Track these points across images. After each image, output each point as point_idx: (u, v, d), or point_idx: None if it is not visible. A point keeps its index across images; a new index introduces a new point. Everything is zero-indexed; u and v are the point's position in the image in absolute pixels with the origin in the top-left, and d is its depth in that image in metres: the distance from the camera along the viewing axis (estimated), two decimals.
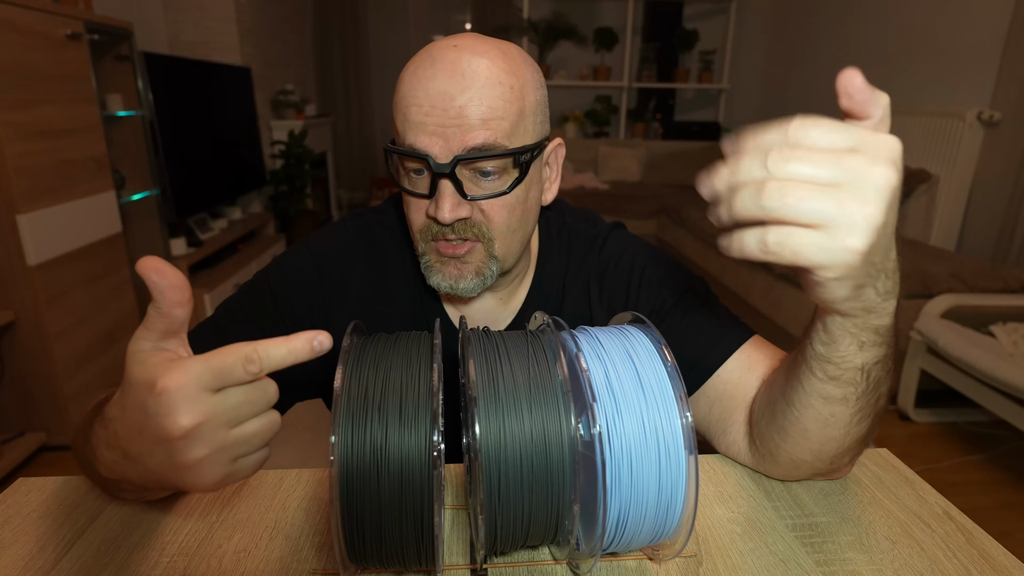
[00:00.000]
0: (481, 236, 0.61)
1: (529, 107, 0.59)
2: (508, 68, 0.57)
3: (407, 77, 0.58)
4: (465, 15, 5.41)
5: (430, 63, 0.57)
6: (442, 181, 0.57)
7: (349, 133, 5.37)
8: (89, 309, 1.94)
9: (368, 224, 0.73)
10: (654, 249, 0.74)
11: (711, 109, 5.24)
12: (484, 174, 0.59)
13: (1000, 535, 0.53)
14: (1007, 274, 2.19)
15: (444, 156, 0.56)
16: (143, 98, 2.36)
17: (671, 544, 0.46)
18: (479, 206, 0.59)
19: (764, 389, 0.59)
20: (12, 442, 1.77)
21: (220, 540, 0.52)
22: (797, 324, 2.32)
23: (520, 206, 0.62)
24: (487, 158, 0.57)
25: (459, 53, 0.56)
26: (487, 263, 0.62)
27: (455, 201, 0.57)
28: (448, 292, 0.63)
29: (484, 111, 0.56)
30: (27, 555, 0.49)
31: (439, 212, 0.57)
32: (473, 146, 0.56)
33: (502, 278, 0.67)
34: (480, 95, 0.55)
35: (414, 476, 0.39)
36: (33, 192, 1.68)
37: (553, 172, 0.68)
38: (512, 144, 0.58)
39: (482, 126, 0.56)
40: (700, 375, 0.67)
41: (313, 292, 0.68)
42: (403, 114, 0.57)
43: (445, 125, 0.56)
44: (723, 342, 0.66)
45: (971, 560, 0.50)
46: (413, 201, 0.61)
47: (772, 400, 0.56)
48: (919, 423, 2.15)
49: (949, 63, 2.82)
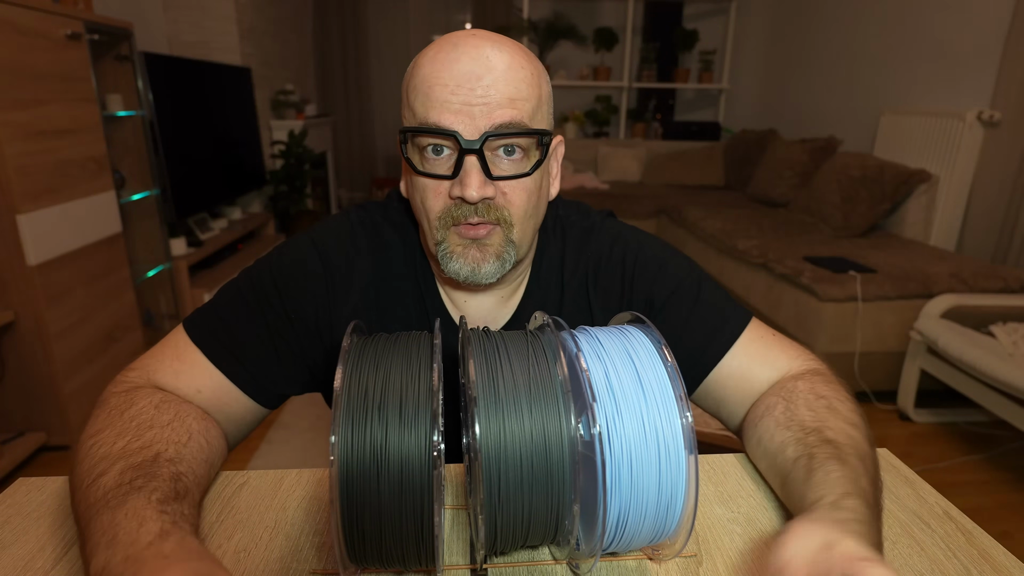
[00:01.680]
0: (502, 220, 0.60)
1: (545, 96, 0.62)
2: (527, 57, 0.60)
3: (427, 61, 0.58)
4: (465, 15, 5.41)
5: (451, 47, 0.58)
6: (468, 158, 0.57)
7: (349, 133, 5.37)
8: (89, 309, 1.94)
9: (372, 217, 0.73)
10: (645, 236, 0.74)
11: (711, 109, 5.24)
12: (508, 152, 0.59)
13: (1000, 535, 0.53)
14: (1007, 274, 2.19)
15: (471, 133, 0.57)
16: (143, 98, 2.36)
17: (671, 544, 0.46)
18: (501, 188, 0.60)
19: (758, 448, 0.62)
20: (12, 442, 1.77)
21: (220, 540, 0.51)
22: (797, 324, 2.32)
23: (536, 192, 0.62)
24: (515, 135, 0.58)
25: (480, 40, 0.58)
26: (506, 247, 0.62)
27: (482, 179, 0.57)
28: (467, 279, 0.62)
29: (510, 90, 0.57)
30: (27, 555, 0.49)
31: (466, 190, 0.57)
32: (501, 123, 0.57)
33: (511, 271, 0.67)
34: (505, 77, 0.57)
35: (414, 476, 0.39)
36: (33, 192, 1.68)
37: (555, 168, 0.69)
38: (534, 126, 0.59)
39: (509, 104, 0.57)
40: (700, 371, 0.68)
41: (316, 284, 0.68)
42: (424, 95, 0.57)
43: (471, 104, 0.56)
44: (720, 334, 0.67)
45: (971, 560, 0.50)
46: (432, 185, 0.60)
47: (766, 468, 0.60)
48: (919, 423, 2.15)
49: (949, 63, 2.82)
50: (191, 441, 0.54)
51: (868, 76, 3.36)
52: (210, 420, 0.60)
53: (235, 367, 0.64)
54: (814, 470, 0.50)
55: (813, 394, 0.59)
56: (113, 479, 0.46)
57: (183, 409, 0.57)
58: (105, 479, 0.46)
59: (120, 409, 0.55)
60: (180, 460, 0.51)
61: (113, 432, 0.52)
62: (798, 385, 0.61)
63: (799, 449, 0.54)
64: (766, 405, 0.62)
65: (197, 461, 0.53)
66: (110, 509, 0.43)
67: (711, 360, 0.67)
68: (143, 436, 0.51)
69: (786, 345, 0.68)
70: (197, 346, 0.63)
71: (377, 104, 5.52)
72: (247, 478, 0.61)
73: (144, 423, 0.53)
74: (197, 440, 0.55)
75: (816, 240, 2.73)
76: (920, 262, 2.32)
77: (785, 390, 0.61)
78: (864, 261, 2.34)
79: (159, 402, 0.56)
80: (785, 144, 3.67)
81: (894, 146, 3.03)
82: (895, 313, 2.16)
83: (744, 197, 3.92)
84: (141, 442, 0.50)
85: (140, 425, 0.53)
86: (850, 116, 3.50)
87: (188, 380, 0.62)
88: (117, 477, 0.46)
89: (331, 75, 5.17)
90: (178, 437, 0.53)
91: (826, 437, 0.53)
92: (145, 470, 0.47)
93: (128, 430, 0.52)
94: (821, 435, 0.53)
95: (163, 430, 0.53)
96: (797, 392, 0.60)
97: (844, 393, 0.60)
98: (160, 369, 0.62)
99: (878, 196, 2.73)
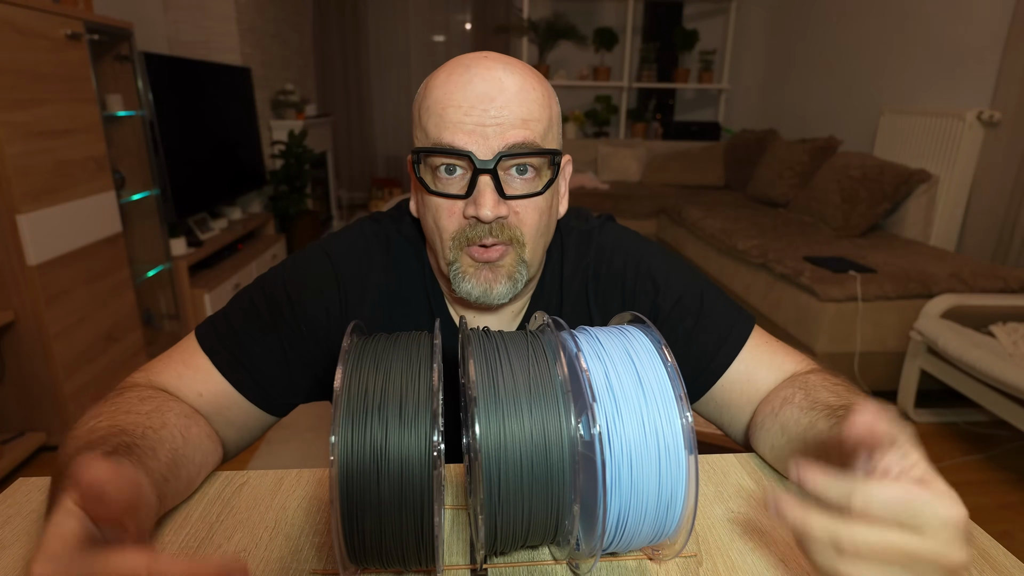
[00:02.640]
0: (514, 239, 0.61)
1: (555, 117, 0.63)
2: (537, 79, 0.61)
3: (439, 83, 0.59)
4: (465, 15, 5.41)
5: (464, 70, 0.58)
6: (482, 178, 0.57)
7: (349, 133, 5.38)
8: (89, 309, 1.94)
9: (385, 230, 0.72)
10: (644, 244, 0.74)
11: (711, 109, 5.24)
12: (521, 171, 0.60)
13: (1000, 535, 0.53)
14: (1007, 274, 2.19)
15: (485, 153, 0.57)
16: (143, 98, 2.36)
17: (671, 544, 0.46)
18: (514, 208, 0.60)
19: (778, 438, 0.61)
20: (12, 442, 1.77)
21: (220, 540, 0.52)
22: (797, 324, 2.32)
23: (548, 211, 0.63)
24: (528, 155, 0.58)
25: (492, 62, 0.59)
26: (518, 268, 0.62)
27: (496, 198, 0.58)
28: (479, 299, 0.63)
29: (523, 111, 0.58)
30: (27, 555, 0.49)
31: (480, 210, 0.57)
32: (514, 143, 0.57)
33: (522, 289, 0.67)
34: (518, 98, 0.58)
35: (414, 476, 0.39)
36: (33, 192, 1.68)
37: (564, 187, 0.69)
38: (546, 146, 0.60)
39: (522, 125, 0.58)
40: (706, 381, 0.68)
41: (329, 297, 0.68)
42: (438, 116, 0.58)
43: (485, 124, 0.57)
44: (725, 344, 0.67)
45: (971, 560, 0.50)
46: (445, 205, 0.60)
47: (791, 453, 0.59)
48: (919, 423, 2.15)
49: (949, 63, 2.82)
50: (164, 430, 0.54)
51: (868, 76, 3.36)
52: (196, 419, 0.60)
53: (242, 375, 0.64)
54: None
55: (829, 382, 0.60)
56: (71, 449, 0.48)
57: (167, 404, 0.57)
58: (64, 451, 0.48)
59: (110, 399, 0.56)
60: (142, 437, 0.50)
61: (92, 415, 0.53)
62: (810, 377, 0.62)
63: (831, 419, 0.53)
64: (783, 397, 0.62)
65: (163, 449, 0.52)
66: (61, 469, 0.46)
67: (717, 369, 0.67)
68: (116, 419, 0.52)
69: (788, 350, 0.69)
70: (205, 353, 0.64)
71: (377, 104, 5.52)
72: (247, 478, 0.61)
73: (122, 408, 0.54)
74: (171, 431, 0.54)
75: (816, 240, 2.73)
76: (920, 262, 2.32)
77: (800, 381, 0.62)
78: (864, 261, 2.34)
79: (147, 396, 0.57)
80: (785, 144, 3.66)
81: (894, 146, 3.03)
82: (895, 313, 2.16)
83: (744, 197, 3.92)
84: (111, 422, 0.51)
85: (118, 410, 0.54)
86: (850, 116, 3.50)
87: (190, 384, 0.62)
88: (74, 448, 0.48)
89: (331, 75, 5.17)
90: (150, 422, 0.53)
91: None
92: (101, 437, 0.48)
93: (104, 413, 0.53)
94: (850, 409, 0.53)
95: (138, 416, 0.53)
96: (812, 382, 0.61)
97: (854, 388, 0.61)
98: (165, 372, 0.62)
99: (878, 196, 2.73)
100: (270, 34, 3.99)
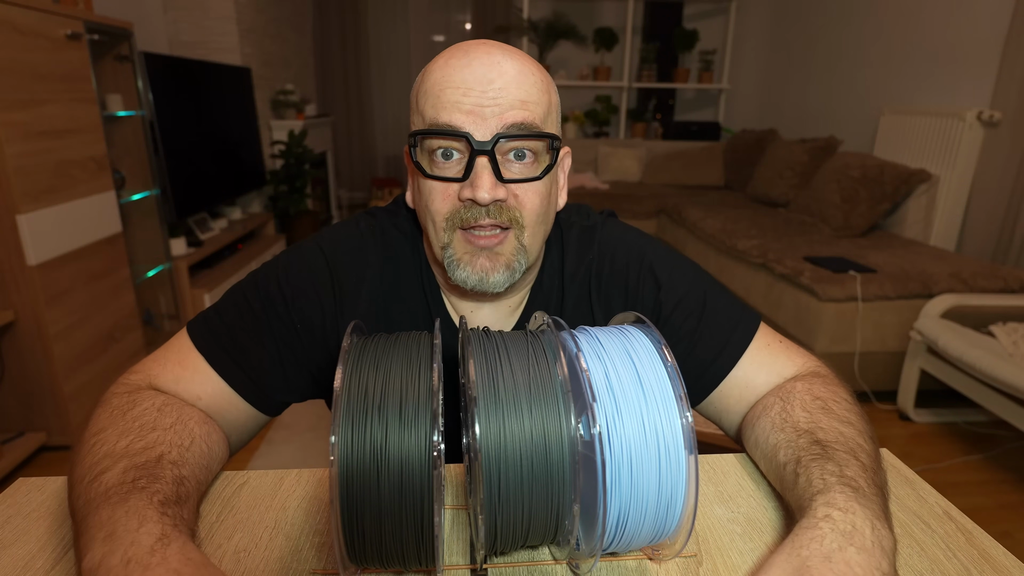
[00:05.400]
0: (514, 221, 0.60)
1: (554, 104, 0.62)
2: (536, 66, 0.61)
3: (437, 67, 0.59)
4: (465, 15, 5.41)
5: (463, 54, 0.58)
6: (479, 160, 0.57)
7: (349, 133, 5.38)
8: (89, 309, 1.94)
9: (381, 225, 0.71)
10: (647, 242, 0.73)
11: (711, 109, 5.24)
12: (519, 156, 0.59)
13: (1000, 535, 0.53)
14: (1007, 274, 2.19)
15: (483, 134, 0.56)
16: (143, 98, 2.36)
17: (671, 544, 0.46)
18: (513, 191, 0.59)
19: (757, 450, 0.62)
20: (12, 442, 1.77)
21: (220, 540, 0.51)
22: (797, 324, 2.32)
23: (547, 196, 0.62)
24: (527, 137, 0.58)
25: (490, 47, 0.59)
26: (516, 255, 0.61)
27: (493, 180, 0.57)
28: (475, 287, 0.61)
29: (522, 93, 0.57)
30: (27, 555, 0.49)
31: (476, 192, 0.56)
32: (512, 123, 0.57)
33: (519, 280, 0.65)
34: (516, 80, 0.57)
35: (414, 476, 0.39)
36: (33, 192, 1.68)
37: (563, 179, 0.68)
38: (546, 129, 0.59)
39: (520, 106, 0.57)
40: (708, 383, 0.67)
41: (324, 293, 0.67)
42: (435, 97, 0.57)
43: (483, 105, 0.56)
44: (729, 346, 0.66)
45: (971, 560, 0.50)
46: (440, 188, 0.59)
47: (764, 468, 0.61)
48: (919, 423, 2.15)
49: (949, 63, 2.82)
50: (193, 445, 0.54)
51: (868, 76, 3.36)
52: (212, 424, 0.60)
53: (237, 374, 0.63)
54: (799, 475, 0.51)
55: (810, 395, 0.59)
56: (115, 477, 0.46)
57: (185, 413, 0.57)
58: (107, 476, 0.46)
59: (123, 409, 0.54)
60: (183, 464, 0.50)
61: (116, 431, 0.51)
62: (796, 386, 0.61)
63: (789, 453, 0.54)
64: (763, 405, 0.62)
65: (199, 466, 0.53)
66: (110, 505, 0.43)
67: (720, 371, 0.66)
68: (146, 437, 0.51)
69: (792, 351, 0.67)
70: (200, 352, 0.63)
71: (377, 104, 5.52)
72: (247, 478, 0.61)
73: (147, 424, 0.53)
74: (199, 445, 0.54)
75: (816, 240, 2.73)
76: (920, 262, 2.32)
77: (783, 391, 0.61)
78: (864, 261, 2.34)
79: (162, 405, 0.56)
80: (785, 144, 3.66)
81: (894, 146, 3.03)
82: (895, 313, 2.16)
83: (744, 197, 3.92)
84: (144, 443, 0.50)
85: (143, 426, 0.52)
86: (850, 116, 3.50)
87: (188, 386, 0.62)
88: (120, 475, 0.46)
89: (331, 75, 5.17)
90: (181, 440, 0.53)
91: (816, 439, 0.53)
92: (148, 471, 0.47)
93: (131, 430, 0.51)
94: (812, 436, 0.54)
95: (166, 433, 0.52)
96: (795, 393, 0.60)
97: (843, 394, 0.60)
98: (162, 373, 0.62)
99: (878, 196, 2.73)
100: (270, 34, 3.99)
